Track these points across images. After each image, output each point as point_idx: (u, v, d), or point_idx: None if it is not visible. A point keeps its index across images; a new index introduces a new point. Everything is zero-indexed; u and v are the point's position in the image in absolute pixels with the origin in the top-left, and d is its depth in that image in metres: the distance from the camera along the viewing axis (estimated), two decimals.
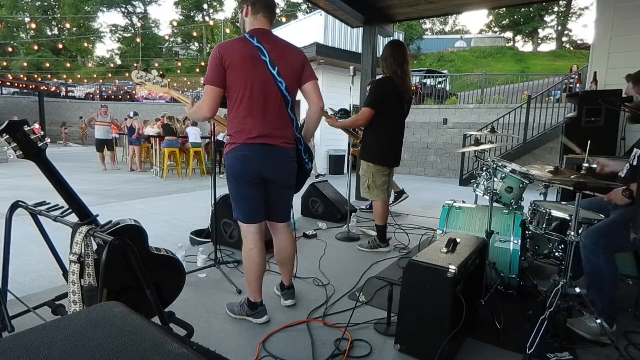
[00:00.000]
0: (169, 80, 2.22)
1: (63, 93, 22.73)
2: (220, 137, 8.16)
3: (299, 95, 1.99)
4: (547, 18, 34.71)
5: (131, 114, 9.50)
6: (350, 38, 10.48)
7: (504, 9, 31.11)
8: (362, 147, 3.17)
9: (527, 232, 2.45)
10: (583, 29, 47.53)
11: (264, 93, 1.81)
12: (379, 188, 3.13)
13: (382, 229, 3.25)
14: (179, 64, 33.43)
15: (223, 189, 2.44)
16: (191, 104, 1.98)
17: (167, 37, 36.71)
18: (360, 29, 5.49)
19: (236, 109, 1.82)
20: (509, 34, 37.47)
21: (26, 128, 1.48)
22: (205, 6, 39.46)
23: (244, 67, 1.76)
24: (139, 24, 38.59)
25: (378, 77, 5.72)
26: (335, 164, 9.57)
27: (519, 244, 2.31)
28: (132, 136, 8.98)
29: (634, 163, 2.00)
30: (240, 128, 1.82)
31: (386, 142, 3.07)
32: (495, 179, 2.41)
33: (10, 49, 28.32)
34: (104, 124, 9.14)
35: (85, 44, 32.22)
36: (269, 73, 1.80)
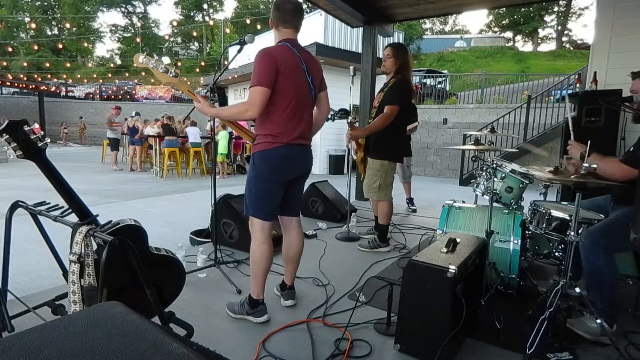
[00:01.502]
0: (178, 71, 2.01)
1: (63, 93, 22.72)
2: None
3: None
4: (547, 18, 34.70)
5: (133, 114, 9.52)
6: (350, 38, 10.47)
7: (504, 9, 31.11)
8: (375, 146, 3.12)
9: (527, 232, 2.45)
10: (583, 29, 47.55)
11: (305, 99, 1.97)
12: (389, 187, 3.15)
13: (385, 228, 3.25)
14: (179, 64, 33.41)
15: (223, 189, 2.45)
16: (203, 101, 1.98)
17: (167, 37, 36.67)
18: (360, 29, 5.49)
19: (282, 111, 1.89)
20: (509, 34, 37.45)
21: (26, 128, 1.48)
22: (205, 6, 39.43)
23: (294, 73, 1.89)
24: (139, 24, 38.56)
25: (379, 76, 5.73)
26: (335, 164, 9.57)
27: (519, 244, 2.31)
28: (135, 136, 8.99)
29: None
30: (283, 130, 1.90)
31: (397, 140, 3.13)
32: (495, 179, 2.41)
33: (10, 49, 28.29)
34: (118, 124, 9.56)
35: (85, 44, 32.16)
36: (307, 81, 1.97)
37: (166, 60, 2.04)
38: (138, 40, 32.70)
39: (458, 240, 1.90)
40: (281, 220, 2.15)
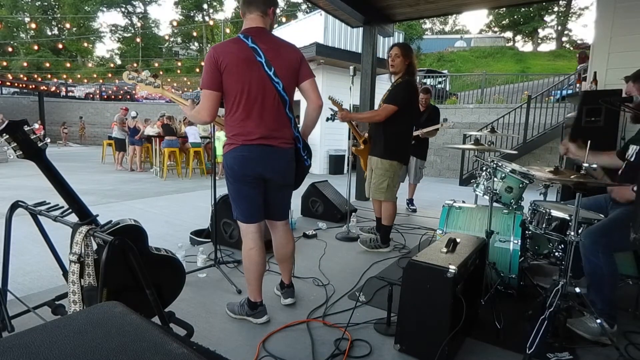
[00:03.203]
0: (168, 80, 2.20)
1: (63, 93, 22.72)
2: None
3: (298, 95, 1.98)
4: (547, 18, 34.73)
5: (133, 114, 9.51)
6: (350, 38, 10.47)
7: (504, 9, 31.12)
8: (383, 146, 3.08)
9: (527, 232, 2.45)
10: (583, 29, 47.50)
11: (262, 94, 1.80)
12: (395, 187, 3.14)
13: (389, 229, 3.26)
14: (179, 64, 33.41)
15: (223, 189, 2.45)
16: (190, 105, 1.99)
17: (167, 37, 36.68)
18: (360, 29, 5.49)
19: (234, 111, 1.82)
20: (509, 34, 37.47)
21: (26, 128, 1.48)
22: (205, 6, 39.44)
23: (239, 69, 1.75)
24: (139, 24, 38.56)
25: (379, 76, 5.74)
26: (335, 164, 9.57)
27: (519, 244, 2.31)
28: (136, 136, 8.99)
29: (632, 159, 1.99)
30: (238, 131, 1.83)
31: (406, 141, 3.14)
32: (495, 179, 2.41)
33: (10, 49, 28.30)
34: (124, 124, 9.50)
35: (85, 44, 32.18)
36: (265, 74, 1.79)
37: (146, 72, 2.14)
38: (138, 40, 32.70)
39: (458, 240, 1.90)
40: (267, 222, 2.12)
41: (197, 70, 24.69)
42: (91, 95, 22.82)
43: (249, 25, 1.84)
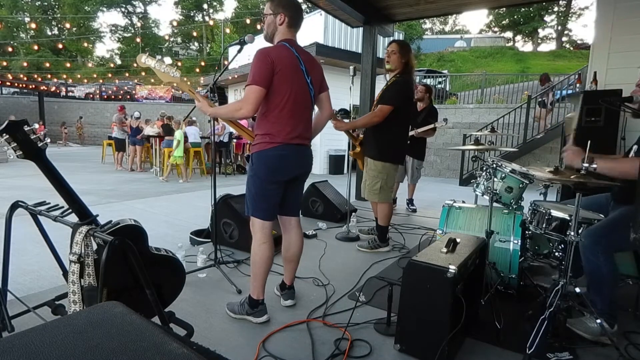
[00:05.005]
0: (179, 72, 2.07)
1: (63, 93, 22.72)
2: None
3: None
4: (547, 18, 34.69)
5: (137, 114, 9.49)
6: (350, 38, 10.47)
7: (504, 9, 31.11)
8: (376, 147, 3.05)
9: (527, 232, 2.45)
10: (583, 29, 47.53)
11: (303, 98, 1.97)
12: (390, 189, 3.13)
13: (386, 229, 3.25)
14: (179, 64, 33.39)
15: (223, 189, 2.45)
16: (204, 100, 2.03)
17: (167, 37, 36.65)
18: (360, 29, 5.49)
19: (280, 110, 1.90)
20: (509, 34, 37.45)
21: (26, 128, 1.48)
22: (205, 6, 39.42)
23: (291, 74, 1.90)
24: (139, 24, 38.54)
25: (378, 76, 5.74)
26: (335, 164, 9.58)
27: (519, 244, 2.31)
28: (137, 136, 8.98)
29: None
30: (281, 128, 1.91)
31: (401, 141, 3.11)
32: (495, 179, 2.41)
33: (10, 49, 28.28)
34: (124, 124, 9.46)
35: (85, 44, 32.16)
36: (306, 81, 1.98)
37: (168, 60, 2.10)
38: (138, 40, 32.67)
39: (458, 240, 1.90)
40: (280, 220, 2.16)
41: (197, 70, 24.67)
42: (91, 95, 22.82)
43: (288, 37, 1.99)
